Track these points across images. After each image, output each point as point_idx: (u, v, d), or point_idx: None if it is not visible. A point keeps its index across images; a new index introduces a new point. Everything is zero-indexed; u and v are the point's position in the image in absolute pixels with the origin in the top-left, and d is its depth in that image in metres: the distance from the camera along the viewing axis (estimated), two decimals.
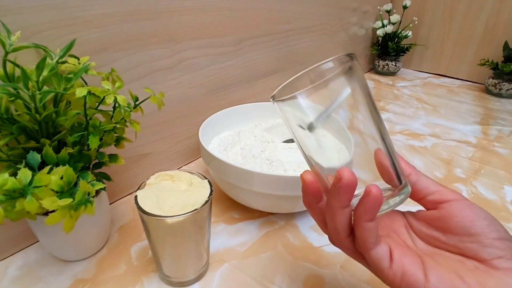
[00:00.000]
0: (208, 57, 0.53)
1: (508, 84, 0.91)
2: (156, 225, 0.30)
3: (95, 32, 0.38)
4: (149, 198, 0.30)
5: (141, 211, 0.29)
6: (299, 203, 0.41)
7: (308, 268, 0.37)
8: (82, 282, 0.35)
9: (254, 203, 0.43)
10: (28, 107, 0.28)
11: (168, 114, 0.50)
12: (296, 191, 0.37)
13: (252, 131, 0.53)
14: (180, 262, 0.33)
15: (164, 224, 0.29)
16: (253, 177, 0.38)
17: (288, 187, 0.37)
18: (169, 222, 0.29)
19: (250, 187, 0.39)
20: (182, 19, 0.46)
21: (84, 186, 0.28)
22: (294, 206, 0.42)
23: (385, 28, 1.03)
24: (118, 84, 0.33)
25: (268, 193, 0.39)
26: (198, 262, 0.34)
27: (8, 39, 0.28)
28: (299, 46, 0.74)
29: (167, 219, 0.28)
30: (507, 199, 0.50)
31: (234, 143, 0.50)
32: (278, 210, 0.44)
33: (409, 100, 0.90)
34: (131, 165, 0.47)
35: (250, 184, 0.39)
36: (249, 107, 0.57)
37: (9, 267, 0.36)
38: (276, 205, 0.42)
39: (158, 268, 0.35)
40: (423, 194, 0.25)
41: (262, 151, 0.47)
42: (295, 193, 0.38)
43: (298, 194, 0.36)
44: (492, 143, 0.67)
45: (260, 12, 0.59)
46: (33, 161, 0.28)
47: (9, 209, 0.25)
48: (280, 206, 0.42)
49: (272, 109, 0.47)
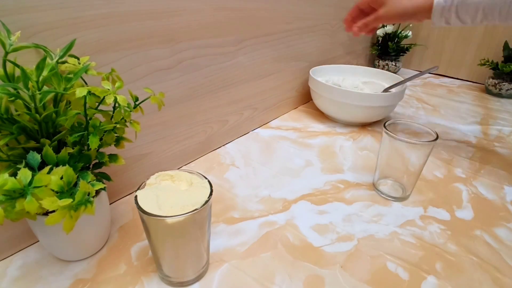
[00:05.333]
0: (208, 57, 0.53)
1: (508, 84, 0.91)
2: (156, 225, 0.30)
3: (95, 32, 0.37)
4: (149, 198, 0.30)
5: (141, 211, 0.29)
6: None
7: (308, 268, 0.37)
8: (82, 282, 0.35)
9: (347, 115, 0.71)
10: (28, 107, 0.28)
11: (168, 114, 0.50)
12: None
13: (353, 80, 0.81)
14: (180, 262, 0.33)
15: (164, 224, 0.29)
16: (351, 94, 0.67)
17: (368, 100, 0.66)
18: (169, 222, 0.29)
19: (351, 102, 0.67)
20: (182, 19, 0.46)
21: (84, 186, 0.28)
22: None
23: (385, 28, 1.03)
24: (118, 84, 0.33)
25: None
26: (198, 262, 0.34)
27: (8, 39, 0.28)
28: (299, 46, 0.74)
29: (167, 219, 0.28)
30: (507, 199, 0.50)
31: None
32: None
33: (409, 100, 0.90)
34: (131, 165, 0.47)
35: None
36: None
37: (9, 267, 0.36)
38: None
39: (158, 268, 0.35)
40: None
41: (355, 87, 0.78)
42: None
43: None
44: (492, 143, 0.67)
45: (260, 12, 0.59)
46: (33, 161, 0.28)
47: (9, 209, 0.25)
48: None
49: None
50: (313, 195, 0.49)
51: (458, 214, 0.46)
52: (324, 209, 0.47)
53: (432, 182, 0.54)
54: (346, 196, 0.50)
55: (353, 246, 0.40)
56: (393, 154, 0.46)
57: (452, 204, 0.48)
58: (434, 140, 0.43)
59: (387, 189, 0.50)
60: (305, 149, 0.63)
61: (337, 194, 0.50)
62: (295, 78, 0.77)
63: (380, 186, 0.51)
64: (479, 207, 0.48)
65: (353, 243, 0.41)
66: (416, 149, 0.44)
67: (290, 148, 0.63)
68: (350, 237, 0.42)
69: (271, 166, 0.57)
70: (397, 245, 0.41)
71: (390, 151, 0.46)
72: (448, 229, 0.44)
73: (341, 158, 0.60)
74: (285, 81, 0.74)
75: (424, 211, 0.47)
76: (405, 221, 0.45)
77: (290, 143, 0.64)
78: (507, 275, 0.37)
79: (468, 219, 0.46)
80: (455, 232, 0.43)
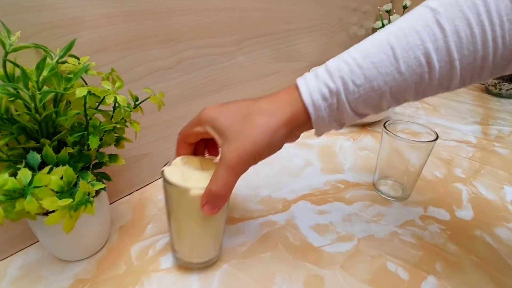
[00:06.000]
0: (208, 57, 0.53)
1: (508, 84, 0.91)
2: (179, 198, 0.30)
3: (95, 32, 0.37)
4: (174, 173, 0.31)
5: (167, 182, 0.30)
6: None
7: (308, 268, 0.37)
8: (82, 282, 0.35)
9: None
10: (28, 107, 0.28)
11: (168, 114, 0.50)
12: None
13: None
14: (196, 240, 0.34)
15: (188, 196, 0.29)
16: None
17: None
18: (193, 194, 0.29)
19: None
20: (182, 19, 0.46)
21: (84, 186, 0.28)
22: None
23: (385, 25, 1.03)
24: (118, 84, 0.33)
25: None
26: (214, 243, 0.35)
27: (8, 39, 0.28)
28: (299, 46, 0.74)
29: (191, 191, 0.29)
30: (507, 199, 0.50)
31: None
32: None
33: None
34: (131, 165, 0.47)
35: None
36: None
37: (9, 267, 0.36)
38: None
39: (172, 247, 0.36)
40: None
41: None
42: None
43: None
44: (492, 143, 0.67)
45: (260, 12, 0.59)
46: (33, 161, 0.28)
47: (9, 209, 0.25)
48: None
49: None
50: (313, 195, 0.49)
51: (458, 214, 0.46)
52: (324, 209, 0.47)
53: (432, 182, 0.54)
54: (346, 196, 0.50)
55: (353, 246, 0.40)
56: (393, 154, 0.46)
57: (452, 204, 0.48)
58: (434, 140, 0.43)
59: (387, 189, 0.50)
60: (305, 149, 0.63)
61: (337, 194, 0.50)
62: (295, 78, 0.77)
63: (380, 186, 0.51)
64: (479, 207, 0.48)
65: (353, 243, 0.41)
66: (416, 149, 0.44)
67: (290, 148, 0.63)
68: (350, 237, 0.42)
69: (271, 166, 0.57)
70: (397, 245, 0.41)
71: (390, 151, 0.46)
72: (448, 229, 0.44)
73: (341, 158, 0.60)
74: (285, 81, 0.74)
75: (424, 211, 0.47)
76: (405, 221, 0.45)
77: (290, 143, 0.64)
78: (507, 275, 0.37)
79: (468, 219, 0.46)
80: (455, 232, 0.43)
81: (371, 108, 0.30)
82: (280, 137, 0.30)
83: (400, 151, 0.45)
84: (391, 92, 0.28)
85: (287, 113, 0.30)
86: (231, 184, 0.30)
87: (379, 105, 0.29)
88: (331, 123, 0.31)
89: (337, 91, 0.28)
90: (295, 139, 0.34)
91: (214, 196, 0.29)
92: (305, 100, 0.29)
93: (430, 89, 0.28)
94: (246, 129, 0.29)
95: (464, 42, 0.25)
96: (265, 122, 0.29)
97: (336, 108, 0.29)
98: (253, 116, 0.29)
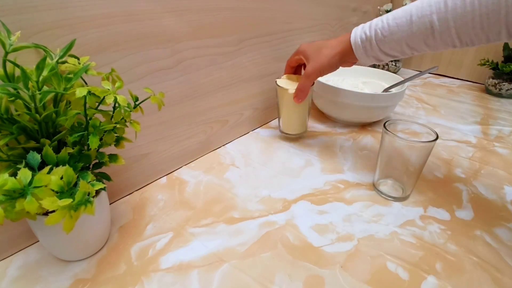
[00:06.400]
0: (208, 57, 0.53)
1: (508, 84, 0.91)
2: (283, 94, 0.58)
3: (95, 32, 0.37)
4: (282, 82, 0.59)
5: (278, 86, 0.59)
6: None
7: (308, 268, 0.37)
8: (82, 282, 0.35)
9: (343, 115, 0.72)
10: (28, 107, 0.28)
11: (168, 114, 0.50)
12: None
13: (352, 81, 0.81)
14: (291, 119, 0.63)
15: (287, 93, 0.57)
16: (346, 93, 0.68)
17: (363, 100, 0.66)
18: (290, 92, 0.57)
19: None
20: (182, 19, 0.46)
21: (84, 186, 0.28)
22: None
23: None
24: (118, 84, 0.33)
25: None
26: (302, 122, 0.63)
27: (8, 39, 0.28)
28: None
29: (289, 90, 0.57)
30: (507, 199, 0.50)
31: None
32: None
33: (409, 100, 0.90)
34: (131, 165, 0.47)
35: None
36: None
37: (9, 267, 0.36)
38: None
39: (279, 125, 0.65)
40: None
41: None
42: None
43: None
44: (492, 143, 0.67)
45: (260, 12, 0.59)
46: (33, 161, 0.28)
47: (9, 209, 0.25)
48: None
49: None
50: (313, 195, 0.49)
51: (458, 214, 0.46)
52: (324, 209, 0.47)
53: (432, 182, 0.54)
54: (346, 196, 0.50)
55: (353, 246, 0.40)
56: (393, 154, 0.46)
57: (452, 204, 0.48)
58: (434, 140, 0.43)
59: (387, 189, 0.50)
60: (305, 149, 0.63)
61: (337, 194, 0.50)
62: None
63: (380, 186, 0.51)
64: (479, 207, 0.48)
65: (353, 243, 0.41)
66: (416, 149, 0.44)
67: (290, 148, 0.63)
68: (350, 237, 0.42)
69: (271, 166, 0.57)
70: (397, 245, 0.41)
71: (390, 151, 0.46)
72: (448, 229, 0.44)
73: (341, 158, 0.60)
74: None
75: (424, 211, 0.47)
76: (405, 221, 0.45)
77: (290, 143, 0.64)
78: (507, 275, 0.37)
79: (468, 219, 0.46)
80: (455, 232, 0.43)
81: (395, 51, 0.45)
82: (336, 61, 0.50)
83: (400, 151, 0.45)
84: (407, 43, 0.43)
85: (340, 47, 0.49)
86: (308, 85, 0.54)
87: (400, 49, 0.44)
88: (369, 57, 0.47)
89: (370, 37, 0.45)
90: (349, 65, 0.53)
91: (299, 91, 0.55)
92: (351, 40, 0.48)
93: (437, 44, 0.41)
94: (317, 56, 0.51)
95: (459, 14, 0.37)
96: (328, 52, 0.50)
97: (370, 48, 0.46)
98: (322, 48, 0.51)
